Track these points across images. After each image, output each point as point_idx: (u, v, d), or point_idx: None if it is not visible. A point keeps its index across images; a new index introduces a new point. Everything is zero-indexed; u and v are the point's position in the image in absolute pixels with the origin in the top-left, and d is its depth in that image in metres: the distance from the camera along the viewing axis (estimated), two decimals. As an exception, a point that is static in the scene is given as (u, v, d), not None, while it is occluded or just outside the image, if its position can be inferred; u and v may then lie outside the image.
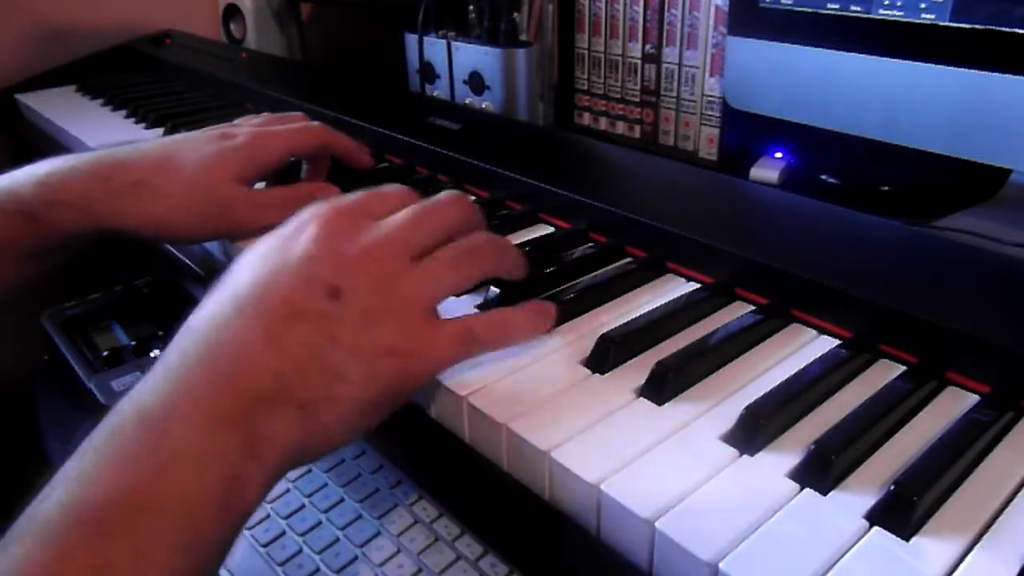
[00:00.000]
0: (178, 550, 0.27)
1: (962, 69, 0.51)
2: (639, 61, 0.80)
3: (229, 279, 0.35)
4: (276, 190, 0.54)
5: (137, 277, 0.73)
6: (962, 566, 0.27)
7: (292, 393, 0.31)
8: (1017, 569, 0.26)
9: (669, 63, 0.78)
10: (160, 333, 0.63)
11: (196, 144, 0.53)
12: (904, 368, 0.37)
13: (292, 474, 0.51)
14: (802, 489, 0.30)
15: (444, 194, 0.40)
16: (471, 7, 0.87)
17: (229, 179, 0.51)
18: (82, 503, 0.27)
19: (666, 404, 0.35)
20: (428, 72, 0.90)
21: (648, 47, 0.79)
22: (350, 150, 0.60)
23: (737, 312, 0.42)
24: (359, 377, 0.33)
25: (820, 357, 0.38)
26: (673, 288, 0.45)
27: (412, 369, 0.34)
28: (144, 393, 0.31)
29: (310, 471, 0.51)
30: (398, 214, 0.38)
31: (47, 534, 0.26)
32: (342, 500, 0.48)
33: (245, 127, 0.56)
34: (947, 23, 0.51)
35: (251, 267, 0.35)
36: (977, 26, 0.49)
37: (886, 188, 0.65)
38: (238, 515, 0.30)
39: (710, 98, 0.75)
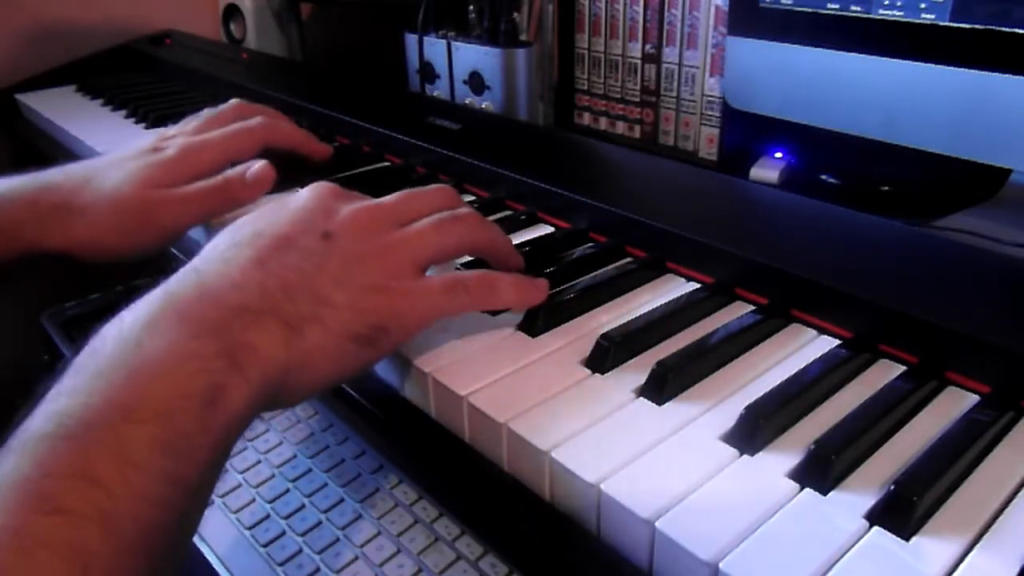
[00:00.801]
0: (163, 454, 0.27)
1: (962, 69, 0.51)
2: (639, 61, 0.80)
3: (229, 229, 0.37)
4: (197, 185, 0.51)
5: (137, 277, 0.73)
6: (962, 566, 0.27)
7: (277, 309, 0.32)
8: (1017, 569, 0.26)
9: (669, 63, 0.78)
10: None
11: (122, 161, 0.52)
12: (904, 368, 0.37)
13: (291, 473, 0.51)
14: (802, 489, 0.30)
15: (432, 185, 0.43)
16: (471, 7, 0.87)
17: (150, 188, 0.50)
18: (64, 415, 0.27)
19: (666, 404, 0.35)
20: (428, 72, 0.90)
21: (648, 47, 0.79)
22: (299, 142, 0.59)
23: (737, 312, 0.42)
24: (344, 304, 0.34)
25: (820, 357, 0.38)
26: (673, 288, 0.45)
27: (398, 307, 0.35)
28: (126, 314, 0.31)
29: (310, 471, 0.51)
30: (391, 195, 0.40)
31: (31, 448, 0.26)
32: (342, 500, 0.48)
33: (179, 138, 0.54)
34: (947, 23, 0.51)
35: (251, 218, 0.37)
36: (977, 26, 0.49)
37: (886, 188, 0.65)
38: (222, 425, 0.29)
39: (710, 98, 0.75)
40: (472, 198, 0.60)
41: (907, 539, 0.28)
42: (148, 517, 0.26)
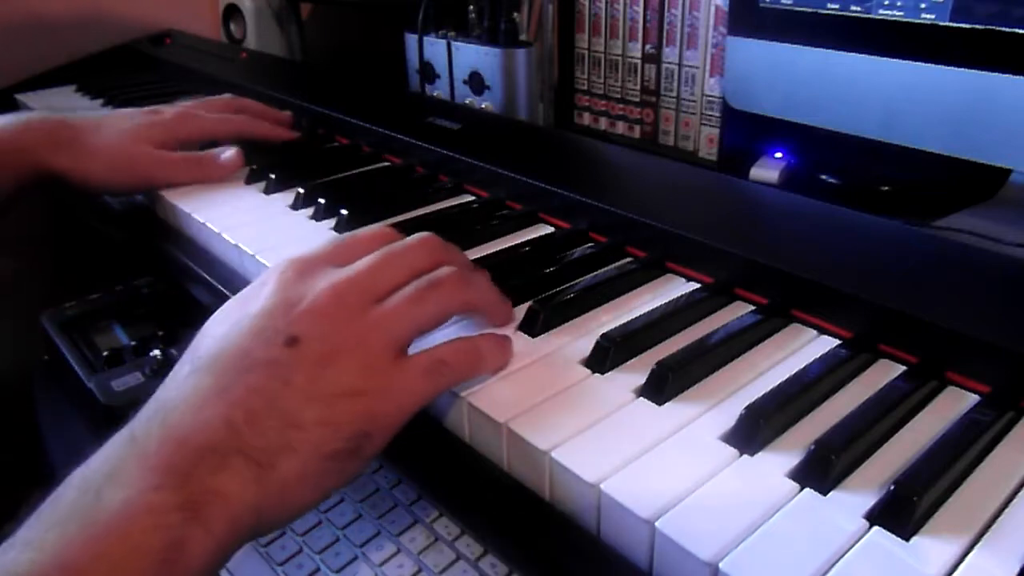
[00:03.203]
0: None
1: (962, 69, 0.51)
2: (639, 61, 0.80)
3: (193, 344, 0.34)
4: (180, 153, 0.64)
5: (137, 277, 0.73)
6: (962, 566, 0.27)
7: (243, 443, 0.30)
8: (1017, 569, 0.26)
9: (669, 63, 0.78)
10: (160, 333, 0.63)
11: (127, 116, 0.65)
12: (904, 368, 0.37)
13: (292, 474, 0.51)
14: (802, 489, 0.30)
15: (413, 236, 0.39)
16: (471, 7, 0.87)
17: (144, 143, 0.63)
18: (12, 573, 0.26)
19: (666, 404, 0.35)
20: (428, 72, 0.90)
21: (648, 47, 0.79)
22: (268, 136, 0.71)
23: (737, 312, 0.42)
24: (316, 422, 0.31)
25: (820, 357, 0.38)
26: (673, 288, 0.45)
27: (377, 410, 0.32)
28: (92, 460, 0.30)
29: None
30: (362, 260, 0.36)
31: None
32: (342, 500, 0.48)
33: (177, 107, 0.68)
34: (947, 23, 0.51)
35: (212, 329, 0.34)
36: (977, 26, 0.49)
37: (886, 188, 0.65)
38: None
39: (710, 98, 0.75)
40: (472, 198, 0.60)
41: (907, 539, 0.28)
42: None
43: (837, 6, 0.57)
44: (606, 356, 0.38)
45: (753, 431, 0.32)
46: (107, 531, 0.27)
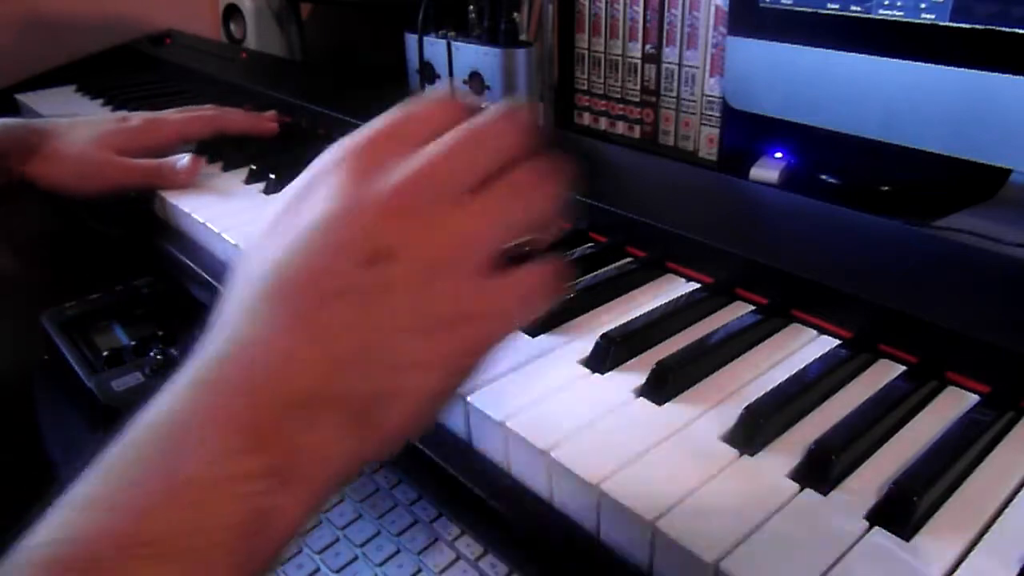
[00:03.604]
0: None
1: (962, 69, 0.51)
2: (639, 61, 0.80)
3: (243, 270, 0.28)
4: (141, 161, 0.65)
5: (137, 277, 0.73)
6: (962, 566, 0.27)
7: (341, 395, 0.25)
8: (1017, 569, 0.26)
9: (669, 63, 0.78)
10: (160, 333, 0.63)
11: (96, 122, 0.67)
12: (904, 368, 0.37)
13: (292, 474, 0.51)
14: (802, 489, 0.30)
15: (496, 111, 0.29)
16: (471, 7, 0.87)
17: (111, 150, 0.64)
18: (66, 541, 0.22)
19: (666, 404, 0.35)
20: (428, 72, 0.90)
21: (648, 47, 0.79)
22: (247, 127, 0.72)
23: (737, 312, 0.42)
24: (432, 362, 0.25)
25: (820, 357, 0.38)
26: (673, 288, 0.45)
27: (484, 333, 0.27)
28: (159, 414, 0.25)
29: (310, 471, 0.51)
30: (441, 139, 0.28)
31: None
32: (342, 500, 0.48)
33: (145, 114, 0.69)
34: (947, 23, 0.51)
35: (267, 243, 0.27)
36: (977, 26, 0.49)
37: (886, 188, 0.65)
38: (266, 554, 0.24)
39: (710, 98, 0.75)
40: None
41: (907, 539, 0.28)
42: None
43: (837, 6, 0.57)
44: (606, 356, 0.38)
45: (753, 431, 0.32)
46: (178, 507, 0.23)
